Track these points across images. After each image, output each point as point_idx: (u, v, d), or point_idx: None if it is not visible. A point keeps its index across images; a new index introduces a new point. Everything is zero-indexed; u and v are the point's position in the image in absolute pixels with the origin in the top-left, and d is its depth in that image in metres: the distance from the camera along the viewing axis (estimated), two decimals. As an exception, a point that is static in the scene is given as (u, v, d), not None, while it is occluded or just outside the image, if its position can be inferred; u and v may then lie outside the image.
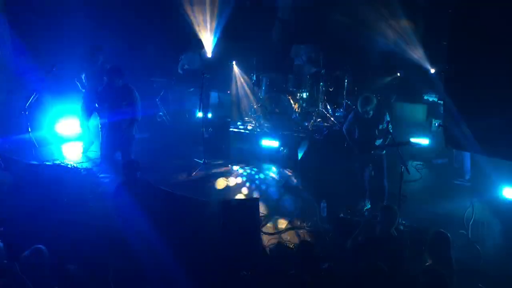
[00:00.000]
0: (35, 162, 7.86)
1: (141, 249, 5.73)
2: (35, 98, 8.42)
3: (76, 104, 9.02)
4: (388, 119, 6.85)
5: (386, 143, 6.83)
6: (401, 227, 5.99)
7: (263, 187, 8.03)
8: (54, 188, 6.87)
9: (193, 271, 5.40)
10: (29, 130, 8.39)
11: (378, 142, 6.87)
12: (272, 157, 8.84)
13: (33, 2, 10.01)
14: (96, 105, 8.15)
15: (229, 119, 9.99)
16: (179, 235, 6.06)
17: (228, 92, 10.67)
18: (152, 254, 5.62)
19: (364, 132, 6.90)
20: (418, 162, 8.65)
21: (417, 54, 9.77)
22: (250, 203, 6.62)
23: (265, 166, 8.75)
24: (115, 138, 7.56)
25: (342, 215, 6.81)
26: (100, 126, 8.08)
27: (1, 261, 4.38)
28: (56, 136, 9.26)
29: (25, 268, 4.30)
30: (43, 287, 4.25)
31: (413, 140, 8.28)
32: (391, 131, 6.80)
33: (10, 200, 6.55)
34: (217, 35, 10.97)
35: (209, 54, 10.86)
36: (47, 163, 7.96)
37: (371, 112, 6.68)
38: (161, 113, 10.45)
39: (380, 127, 6.82)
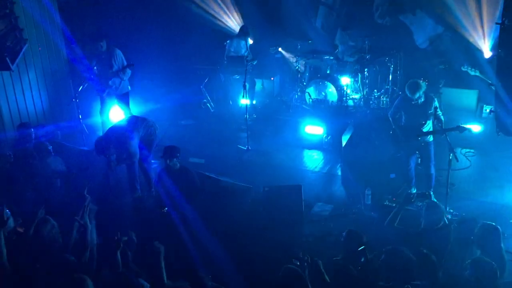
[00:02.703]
0: (85, 148, 8.14)
1: (186, 233, 5.89)
2: (84, 86, 8.71)
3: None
4: (437, 104, 6.67)
5: (434, 129, 6.65)
6: (449, 216, 5.86)
7: (307, 173, 8.02)
8: (105, 173, 7.12)
9: (236, 257, 5.49)
10: (80, 117, 8.69)
11: (426, 128, 6.69)
12: (316, 143, 8.81)
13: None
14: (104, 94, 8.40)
15: (273, 106, 10.04)
16: (222, 221, 6.17)
17: (272, 79, 10.67)
18: (196, 239, 5.76)
19: (411, 118, 6.74)
20: (469, 150, 8.38)
21: (468, 36, 9.40)
22: (293, 189, 6.65)
23: (309, 152, 8.73)
24: None
25: (387, 202, 6.74)
26: None
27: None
28: (109, 123, 9.56)
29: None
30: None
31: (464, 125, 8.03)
32: (440, 117, 6.62)
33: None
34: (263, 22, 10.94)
35: (252, 40, 10.87)
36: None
37: (423, 97, 6.52)
38: (205, 100, 10.57)
39: (428, 113, 6.64)
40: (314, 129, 8.85)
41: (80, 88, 8.64)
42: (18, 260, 4.30)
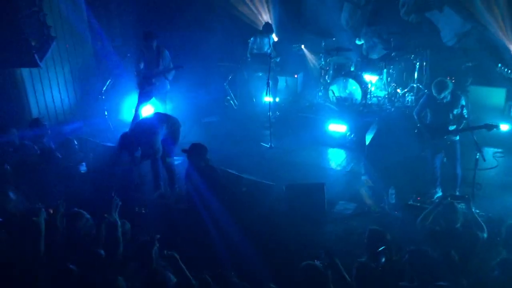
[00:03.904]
0: (111, 144, 8.26)
1: (213, 230, 5.93)
2: (111, 84, 8.84)
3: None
4: (464, 103, 6.55)
5: (460, 128, 6.54)
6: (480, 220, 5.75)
7: (330, 171, 7.98)
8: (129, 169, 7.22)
9: (259, 254, 5.51)
10: (106, 113, 8.82)
11: (452, 127, 6.58)
12: (339, 141, 8.75)
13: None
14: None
15: (296, 103, 10.00)
16: (244, 218, 6.19)
17: (296, 76, 10.63)
18: (222, 236, 5.80)
19: (437, 117, 6.64)
20: (497, 150, 8.20)
21: (497, 34, 9.19)
22: (316, 187, 6.62)
23: (332, 150, 8.68)
24: None
25: (411, 202, 6.66)
26: None
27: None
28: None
29: None
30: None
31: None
32: (466, 116, 6.50)
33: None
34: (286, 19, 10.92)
35: (276, 38, 10.85)
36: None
37: (449, 97, 6.42)
38: (228, 97, 10.61)
39: (455, 111, 6.53)
40: (337, 127, 8.78)
41: (107, 84, 8.76)
42: (52, 251, 4.41)
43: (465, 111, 6.55)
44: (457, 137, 6.65)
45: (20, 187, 5.99)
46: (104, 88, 8.73)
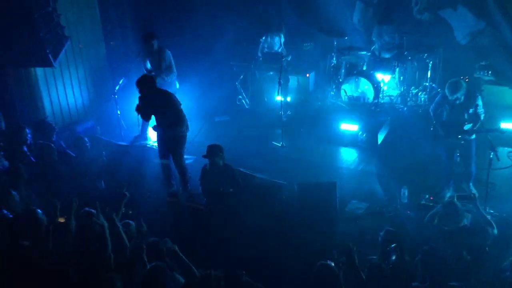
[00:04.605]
0: (123, 143, 8.32)
1: (226, 229, 5.96)
2: (123, 83, 8.89)
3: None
4: (479, 103, 6.50)
5: (476, 128, 6.49)
6: (488, 217, 5.70)
7: (342, 171, 7.96)
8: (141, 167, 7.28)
9: (270, 254, 5.52)
10: (118, 113, 8.88)
11: (467, 126, 6.53)
12: (351, 141, 8.72)
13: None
14: None
15: (308, 102, 9.96)
16: (256, 217, 6.20)
17: (308, 75, 10.61)
18: (234, 235, 5.81)
19: (452, 115, 6.61)
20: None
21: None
22: (327, 186, 6.60)
23: (344, 150, 8.65)
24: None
25: (424, 202, 6.61)
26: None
27: None
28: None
29: None
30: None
31: (504, 125, 7.78)
32: (481, 116, 6.46)
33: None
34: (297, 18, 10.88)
35: (287, 37, 10.82)
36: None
37: (462, 98, 6.38)
38: (240, 97, 10.62)
39: (470, 111, 6.49)
40: (349, 126, 8.75)
41: (119, 83, 8.81)
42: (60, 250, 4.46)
43: (480, 110, 6.51)
44: (473, 136, 6.60)
45: (33, 186, 6.09)
46: (117, 88, 8.78)
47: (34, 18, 7.05)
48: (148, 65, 8.79)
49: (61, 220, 4.93)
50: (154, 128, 7.15)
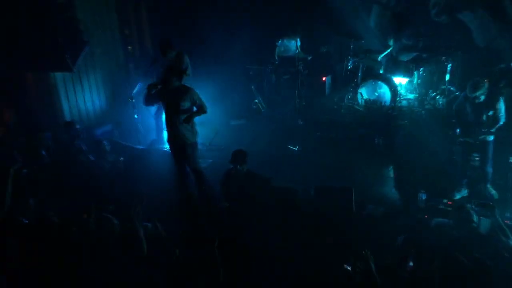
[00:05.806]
0: (140, 147, 8.39)
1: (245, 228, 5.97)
2: (140, 87, 8.97)
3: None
4: (499, 106, 6.46)
5: (493, 130, 6.43)
6: (509, 223, 5.61)
7: (358, 174, 7.90)
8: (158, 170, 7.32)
9: (287, 257, 5.50)
10: (136, 117, 8.97)
11: (487, 128, 6.48)
12: (368, 144, 8.65)
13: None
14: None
15: (324, 106, 9.93)
16: (274, 221, 6.19)
17: (324, 79, 10.58)
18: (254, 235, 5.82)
19: (472, 116, 6.58)
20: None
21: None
22: (343, 191, 6.57)
23: (361, 153, 8.58)
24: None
25: (441, 206, 6.53)
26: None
27: None
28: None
29: None
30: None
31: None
32: (500, 119, 6.38)
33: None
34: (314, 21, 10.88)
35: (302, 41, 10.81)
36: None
37: (482, 97, 6.34)
38: (256, 100, 10.63)
39: (490, 113, 6.44)
40: (365, 130, 8.68)
41: (137, 87, 8.90)
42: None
43: (501, 114, 6.44)
44: (491, 137, 6.54)
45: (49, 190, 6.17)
46: (134, 91, 8.86)
47: (53, 24, 7.18)
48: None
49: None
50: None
